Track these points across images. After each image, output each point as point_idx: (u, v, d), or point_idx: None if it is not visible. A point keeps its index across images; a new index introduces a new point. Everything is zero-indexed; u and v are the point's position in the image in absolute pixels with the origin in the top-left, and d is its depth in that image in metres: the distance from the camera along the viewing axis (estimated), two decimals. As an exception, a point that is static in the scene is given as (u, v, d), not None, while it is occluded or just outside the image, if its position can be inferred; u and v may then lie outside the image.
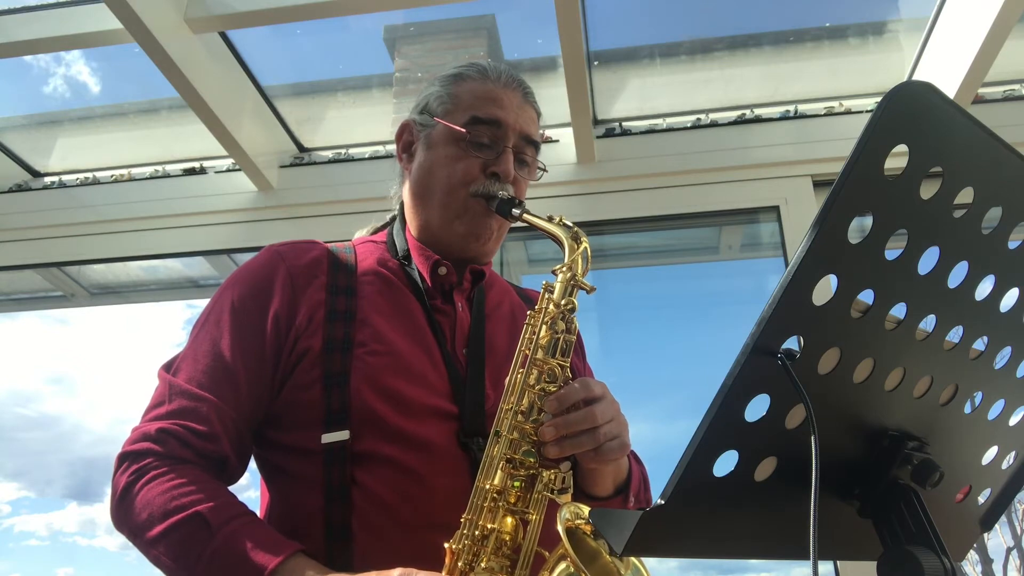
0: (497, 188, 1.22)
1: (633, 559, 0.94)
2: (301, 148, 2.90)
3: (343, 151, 2.85)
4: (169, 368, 1.14)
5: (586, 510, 0.97)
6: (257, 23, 2.32)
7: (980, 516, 0.90)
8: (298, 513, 1.09)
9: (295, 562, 0.95)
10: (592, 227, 2.66)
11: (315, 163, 2.82)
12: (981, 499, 0.88)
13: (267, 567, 0.94)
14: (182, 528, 0.98)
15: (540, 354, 1.07)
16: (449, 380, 1.15)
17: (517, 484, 1.02)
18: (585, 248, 1.14)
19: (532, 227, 1.18)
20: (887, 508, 0.72)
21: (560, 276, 1.13)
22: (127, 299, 3.37)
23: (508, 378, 1.07)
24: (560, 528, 0.90)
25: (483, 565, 0.96)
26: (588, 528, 0.95)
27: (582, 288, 1.12)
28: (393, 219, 1.37)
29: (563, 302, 1.10)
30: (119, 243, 2.86)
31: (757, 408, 0.66)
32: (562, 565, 0.93)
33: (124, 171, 2.96)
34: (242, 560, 0.95)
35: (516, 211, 1.19)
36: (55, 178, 3.04)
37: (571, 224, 1.17)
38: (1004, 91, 2.47)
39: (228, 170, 2.83)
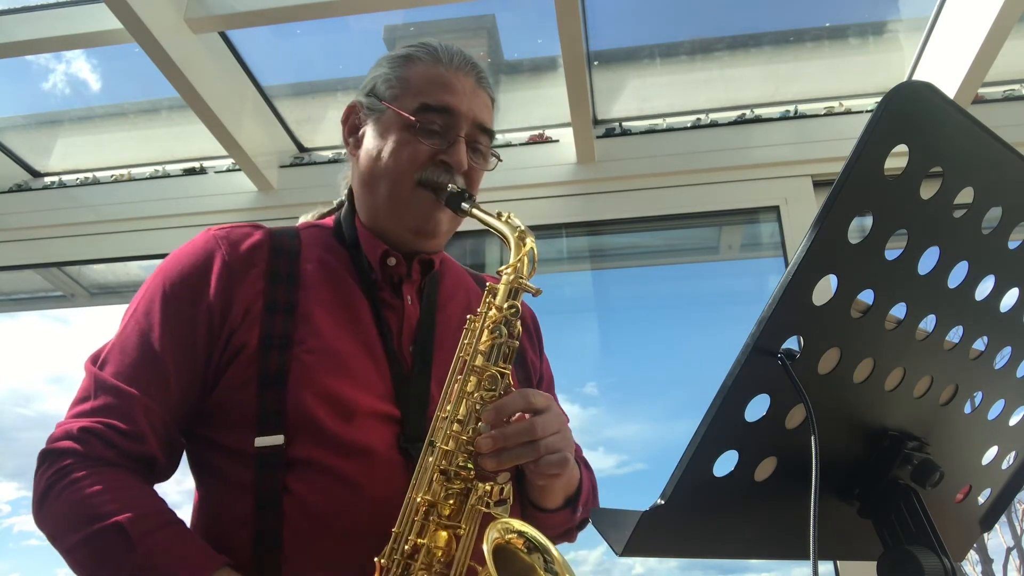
0: (447, 180, 1.15)
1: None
2: (301, 148, 2.90)
3: (343, 151, 2.84)
4: (96, 360, 1.07)
5: (517, 524, 0.94)
6: (257, 23, 2.32)
7: (980, 516, 0.90)
8: (226, 518, 1.03)
9: None
10: (592, 227, 2.66)
11: (315, 163, 2.82)
12: (981, 499, 0.88)
13: None
14: (100, 538, 0.92)
15: (480, 360, 1.02)
16: (392, 381, 1.09)
17: (451, 497, 0.97)
18: (531, 249, 1.07)
19: (481, 223, 1.12)
20: (887, 508, 0.72)
21: (503, 278, 1.07)
22: (127, 299, 3.36)
23: (445, 385, 1.03)
24: (486, 548, 0.86)
25: None
26: (520, 543, 0.93)
27: (527, 291, 1.06)
28: (341, 204, 1.31)
29: (506, 306, 1.04)
30: (119, 243, 2.85)
31: (757, 408, 0.66)
32: None
33: (124, 171, 2.96)
34: (164, 575, 0.91)
35: (465, 205, 1.13)
36: (55, 178, 3.04)
37: (519, 223, 1.11)
38: (1004, 91, 2.47)
39: (228, 170, 2.83)
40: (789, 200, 2.46)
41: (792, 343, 0.65)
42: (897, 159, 0.63)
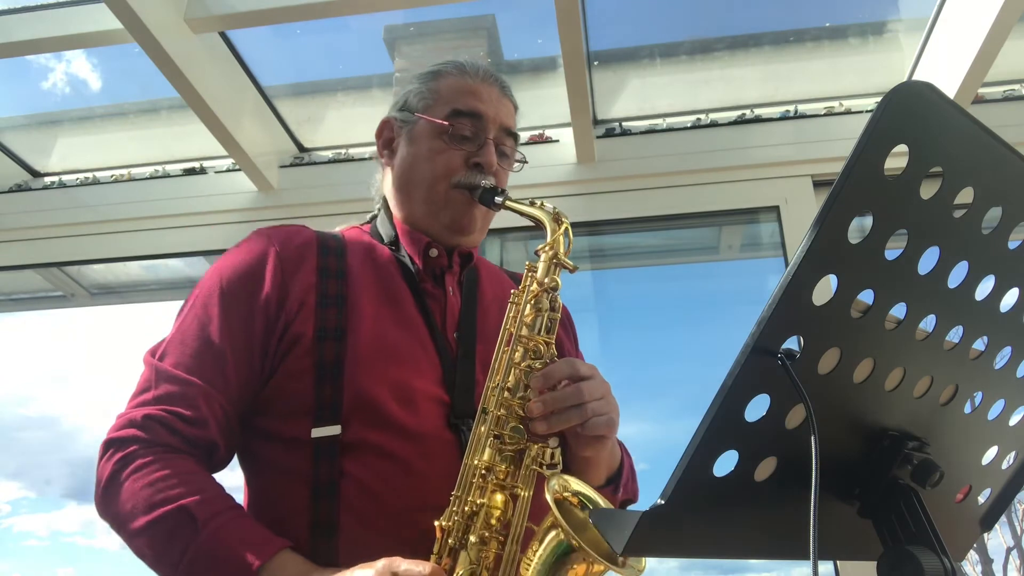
0: (479, 178, 1.23)
1: None
2: (301, 148, 2.90)
3: (343, 151, 2.85)
4: (155, 353, 1.12)
5: (573, 482, 0.98)
6: (257, 23, 2.32)
7: (980, 516, 0.90)
8: (281, 506, 1.07)
9: (282, 559, 0.96)
10: (592, 227, 2.65)
11: (315, 163, 2.82)
12: (981, 499, 0.88)
13: (253, 565, 0.93)
14: (167, 521, 0.97)
15: (525, 331, 1.09)
16: (440, 364, 1.15)
17: (505, 460, 1.02)
18: (566, 228, 1.16)
19: (517, 213, 1.21)
20: (887, 508, 0.72)
21: (543, 256, 1.15)
22: (127, 299, 3.37)
23: (494, 356, 1.09)
24: (549, 497, 0.92)
25: (472, 540, 0.97)
26: (575, 500, 0.97)
27: (565, 267, 1.15)
28: (373, 217, 1.38)
29: (546, 280, 1.13)
30: (119, 243, 2.86)
31: (757, 408, 0.66)
32: (552, 534, 0.92)
33: (124, 171, 2.96)
34: (228, 556, 0.94)
35: (498, 199, 1.21)
36: (55, 178, 3.04)
37: (552, 207, 1.20)
38: (1004, 91, 2.47)
39: (228, 170, 2.83)
40: (789, 200, 2.46)
41: (792, 343, 0.65)
42: (897, 159, 0.63)
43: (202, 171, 2.89)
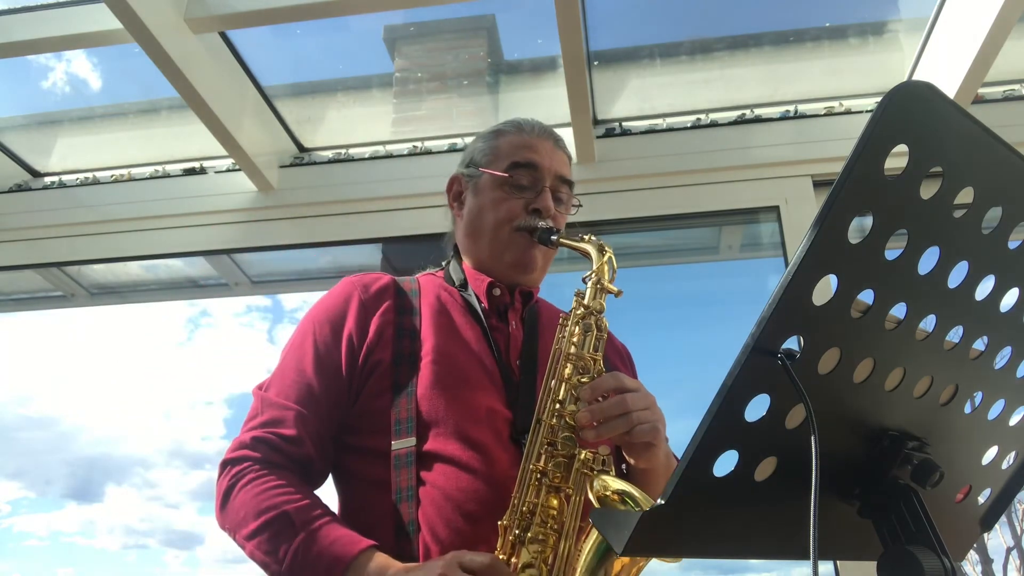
0: (538, 221, 1.38)
1: None
2: (301, 148, 2.90)
3: (343, 151, 2.85)
4: (262, 387, 1.31)
5: (612, 481, 1.06)
6: (257, 23, 2.32)
7: (980, 516, 0.90)
8: (369, 512, 1.21)
9: (366, 556, 1.09)
10: (592, 227, 2.65)
11: (315, 163, 2.82)
12: (981, 499, 0.88)
13: (343, 561, 1.08)
14: (271, 526, 1.12)
15: (573, 350, 1.22)
16: (504, 386, 1.29)
17: (559, 466, 1.13)
18: (610, 257, 1.32)
19: (569, 248, 1.35)
20: (887, 508, 0.72)
21: (589, 282, 1.30)
22: (127, 299, 3.37)
23: (546, 372, 1.22)
24: (592, 497, 1.03)
25: (530, 536, 1.09)
26: (616, 497, 1.04)
27: (610, 292, 1.28)
28: (447, 263, 1.52)
29: (592, 304, 1.27)
30: (119, 243, 2.86)
31: (757, 408, 0.66)
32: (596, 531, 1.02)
33: (124, 171, 2.96)
34: (322, 555, 1.09)
35: (554, 237, 1.36)
36: (55, 178, 3.04)
37: (596, 239, 1.35)
38: (1004, 91, 2.47)
39: (228, 170, 2.83)
40: (789, 200, 2.46)
41: (792, 343, 0.65)
42: (897, 159, 0.63)
43: (202, 171, 2.88)
